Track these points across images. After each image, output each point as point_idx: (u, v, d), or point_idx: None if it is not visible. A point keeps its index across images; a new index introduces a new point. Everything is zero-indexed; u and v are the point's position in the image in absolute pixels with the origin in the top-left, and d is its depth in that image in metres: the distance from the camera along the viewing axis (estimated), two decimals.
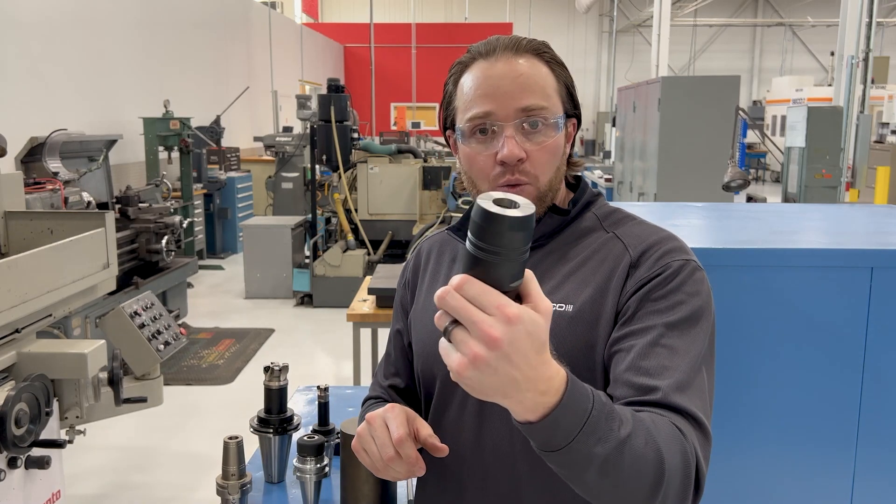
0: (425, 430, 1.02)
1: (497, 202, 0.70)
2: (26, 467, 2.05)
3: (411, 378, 1.25)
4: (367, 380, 4.08)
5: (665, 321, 0.98)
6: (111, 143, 6.18)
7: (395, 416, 1.01)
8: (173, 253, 5.66)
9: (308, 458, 1.50)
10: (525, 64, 1.06)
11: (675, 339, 0.97)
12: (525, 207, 0.70)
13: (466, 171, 1.11)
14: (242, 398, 4.69)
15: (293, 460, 1.59)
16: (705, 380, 0.97)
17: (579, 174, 1.19)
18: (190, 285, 7.24)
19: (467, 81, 1.08)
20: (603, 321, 1.03)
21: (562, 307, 1.04)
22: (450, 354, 0.71)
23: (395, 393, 1.26)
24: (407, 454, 0.98)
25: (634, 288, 1.02)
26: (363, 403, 1.30)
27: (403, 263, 1.36)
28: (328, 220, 7.46)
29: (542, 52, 1.09)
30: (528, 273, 0.74)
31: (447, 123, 1.15)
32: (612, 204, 1.19)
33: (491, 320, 0.69)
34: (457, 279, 0.70)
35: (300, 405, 2.21)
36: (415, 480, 1.29)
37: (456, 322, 0.71)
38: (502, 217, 0.68)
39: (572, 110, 1.12)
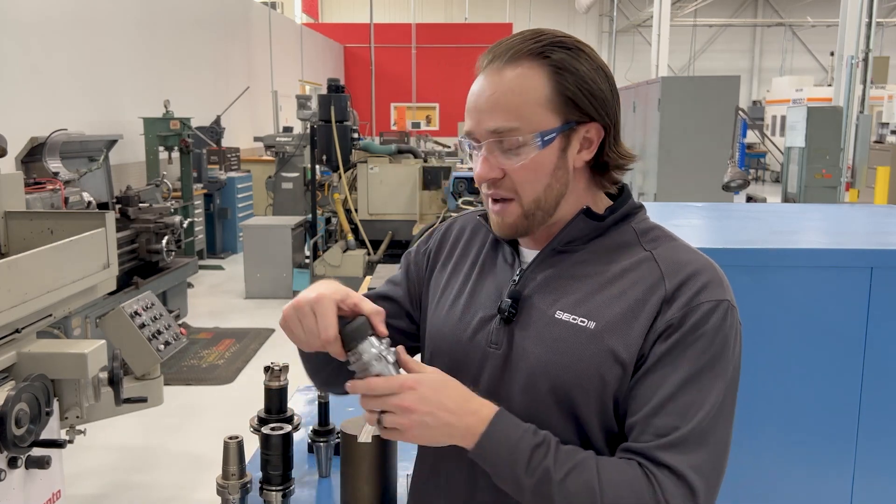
0: (377, 321, 1.03)
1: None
2: (26, 467, 2.05)
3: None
4: None
5: (684, 375, 0.97)
6: (111, 143, 6.18)
7: (323, 310, 1.01)
8: (173, 253, 5.65)
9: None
10: (509, 75, 1.00)
11: (693, 393, 0.97)
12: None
13: None
14: (242, 398, 4.69)
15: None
16: (716, 431, 0.98)
17: (624, 183, 1.12)
18: (190, 285, 7.24)
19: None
20: (625, 345, 1.00)
21: (584, 322, 1.01)
22: (393, 434, 0.97)
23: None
24: (336, 352, 1.02)
25: (663, 327, 0.99)
26: None
27: (431, 229, 1.32)
28: (328, 220, 7.46)
29: (546, 55, 1.01)
30: (400, 350, 1.02)
31: None
32: (652, 220, 1.12)
33: (400, 396, 0.95)
34: (361, 387, 0.97)
35: (300, 405, 2.21)
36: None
37: (382, 412, 0.96)
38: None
39: (582, 117, 1.02)
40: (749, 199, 8.01)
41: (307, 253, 7.42)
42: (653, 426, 0.96)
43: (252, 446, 1.69)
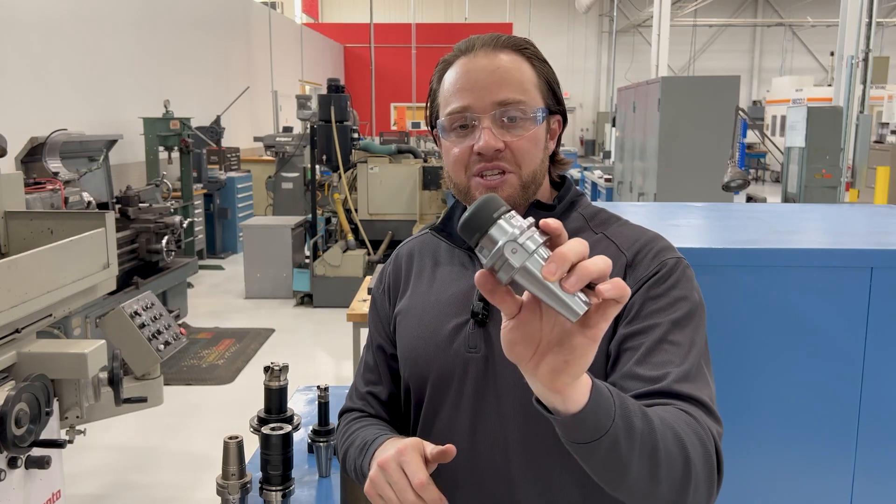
0: (430, 449, 0.96)
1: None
2: (26, 467, 2.05)
3: (394, 386, 1.23)
4: None
5: (668, 319, 1.01)
6: (111, 143, 6.18)
7: (410, 458, 0.94)
8: (173, 253, 5.66)
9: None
10: (504, 58, 1.07)
11: (678, 335, 1.01)
12: None
13: (445, 164, 1.13)
14: (242, 398, 4.69)
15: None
16: (707, 370, 1.02)
17: (564, 174, 1.19)
18: (190, 285, 7.24)
19: (448, 77, 1.10)
20: None
21: None
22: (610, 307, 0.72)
23: (375, 401, 1.23)
24: (431, 497, 0.92)
25: (635, 287, 1.03)
26: (340, 416, 1.26)
27: (381, 268, 1.32)
28: (328, 220, 7.46)
29: (522, 48, 1.10)
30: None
31: (432, 120, 1.15)
32: (595, 204, 1.20)
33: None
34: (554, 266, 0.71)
35: (300, 405, 2.21)
36: None
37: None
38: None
39: (555, 107, 1.12)
40: (749, 199, 8.01)
41: (307, 253, 7.42)
42: (650, 364, 0.97)
43: (252, 446, 1.69)
